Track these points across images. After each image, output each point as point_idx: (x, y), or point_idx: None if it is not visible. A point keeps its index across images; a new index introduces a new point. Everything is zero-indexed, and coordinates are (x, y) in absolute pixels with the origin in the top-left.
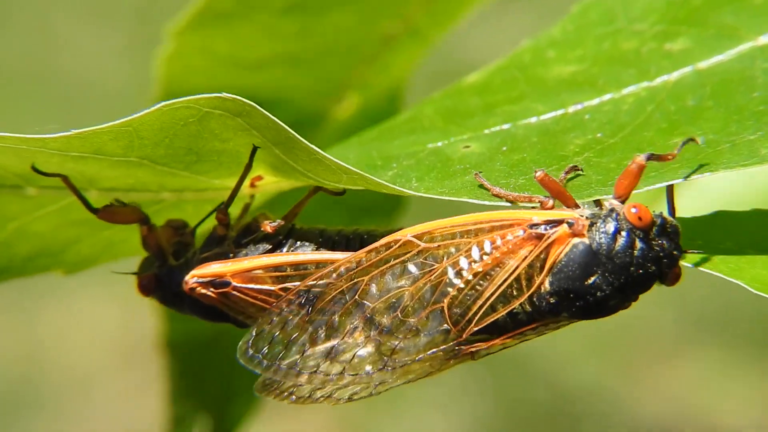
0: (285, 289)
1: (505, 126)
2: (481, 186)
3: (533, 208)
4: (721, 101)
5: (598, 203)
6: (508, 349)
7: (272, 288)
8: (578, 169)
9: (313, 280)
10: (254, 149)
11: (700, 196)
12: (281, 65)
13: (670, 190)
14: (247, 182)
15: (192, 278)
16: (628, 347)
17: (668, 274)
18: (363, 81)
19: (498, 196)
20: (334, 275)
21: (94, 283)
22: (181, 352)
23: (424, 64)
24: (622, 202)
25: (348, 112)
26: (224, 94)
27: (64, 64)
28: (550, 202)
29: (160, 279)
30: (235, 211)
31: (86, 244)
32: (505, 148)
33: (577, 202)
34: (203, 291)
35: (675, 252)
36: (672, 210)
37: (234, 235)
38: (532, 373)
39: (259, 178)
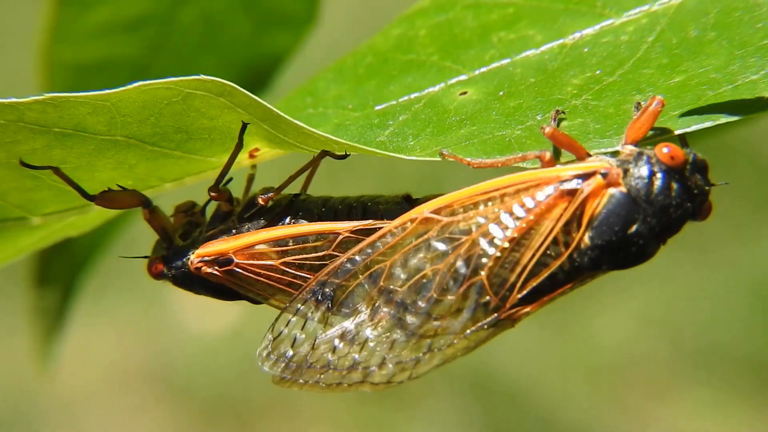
0: (288, 264)
1: (504, 62)
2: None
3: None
4: (724, 33)
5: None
6: (501, 383)
7: (274, 263)
8: (562, 112)
9: (326, 275)
10: (243, 126)
11: None
12: None
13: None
14: (245, 155)
15: (196, 258)
16: (621, 383)
17: (701, 209)
18: None
19: (481, 166)
20: (348, 265)
21: (86, 308)
22: None
23: None
24: (635, 146)
25: None
26: (202, 76)
27: None
28: (548, 155)
29: (169, 261)
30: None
31: None
32: (501, 93)
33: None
34: (209, 270)
35: (706, 187)
36: (685, 144)
37: (239, 211)
38: (525, 408)
39: (257, 149)
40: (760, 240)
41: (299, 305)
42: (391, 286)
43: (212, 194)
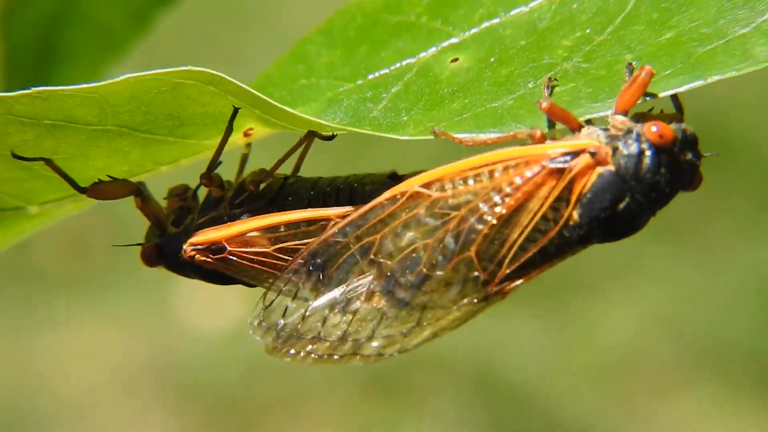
0: (281, 250)
1: (494, 21)
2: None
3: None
4: None
5: (589, 122)
6: (506, 382)
7: (267, 249)
8: (554, 80)
9: (317, 245)
10: (234, 111)
11: None
12: None
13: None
14: (239, 135)
15: (189, 246)
16: (626, 382)
17: (691, 181)
18: None
19: (475, 144)
20: (339, 236)
21: (91, 310)
22: None
23: None
24: (625, 115)
25: None
26: (190, 67)
27: None
28: (539, 133)
29: (162, 248)
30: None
31: None
32: (493, 59)
33: (581, 122)
34: (202, 258)
35: (696, 161)
36: (678, 105)
37: (230, 195)
38: (529, 407)
39: (251, 129)
40: (765, 239)
41: (291, 275)
42: (382, 260)
43: (204, 181)
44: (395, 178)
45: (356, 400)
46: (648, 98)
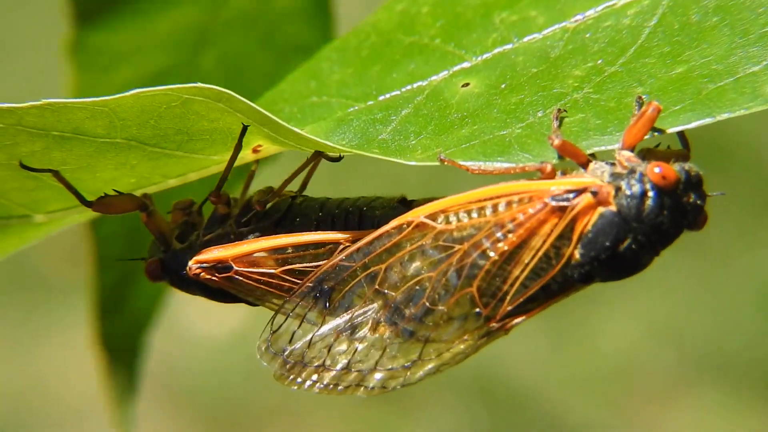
0: (288, 272)
1: (506, 47)
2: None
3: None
4: (726, 17)
5: (593, 156)
6: (506, 389)
7: (274, 271)
8: (563, 111)
9: (326, 270)
10: (243, 129)
11: None
12: None
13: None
14: (248, 151)
15: (195, 264)
16: (626, 388)
17: (695, 222)
18: None
19: (482, 173)
20: (347, 262)
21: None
22: None
23: None
24: (632, 150)
25: None
26: (200, 84)
27: None
28: (549, 167)
29: (167, 264)
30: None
31: None
32: (503, 86)
33: (588, 156)
34: (207, 276)
35: (700, 202)
36: (684, 142)
37: (237, 213)
38: (530, 414)
39: (259, 146)
40: (763, 246)
41: (299, 299)
42: (386, 290)
43: (212, 199)
44: (405, 204)
45: (355, 407)
46: (656, 134)
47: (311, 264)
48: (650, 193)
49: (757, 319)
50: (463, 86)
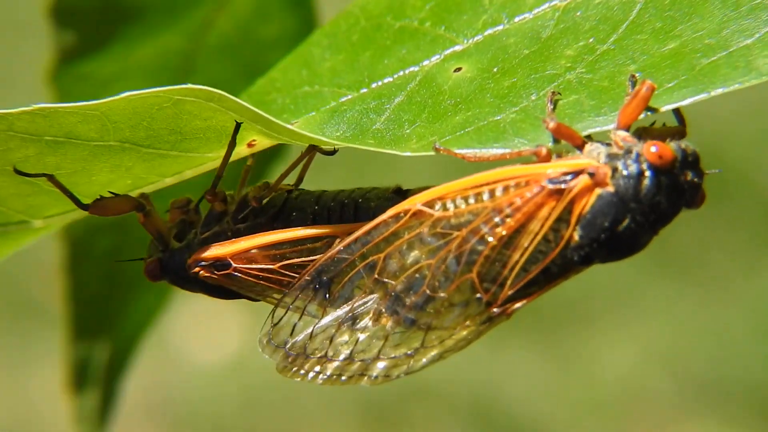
0: (286, 267)
1: (497, 28)
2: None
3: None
4: None
5: (589, 137)
6: (504, 415)
7: (273, 266)
8: (557, 93)
9: (324, 262)
10: (237, 126)
11: None
12: None
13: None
14: (243, 146)
15: (193, 262)
16: (626, 415)
17: (693, 200)
18: None
19: (478, 160)
20: (345, 254)
21: None
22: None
23: None
24: (627, 130)
25: None
26: (190, 85)
27: None
28: (544, 150)
29: (166, 263)
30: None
31: None
32: (496, 69)
33: (584, 138)
34: (206, 274)
35: (697, 180)
36: (680, 118)
37: (233, 210)
38: None
39: (254, 141)
40: (764, 273)
41: (298, 291)
42: (386, 279)
43: (209, 197)
44: (400, 194)
45: (356, 428)
46: (650, 113)
47: (309, 258)
48: (647, 173)
49: (757, 346)
50: (455, 71)
